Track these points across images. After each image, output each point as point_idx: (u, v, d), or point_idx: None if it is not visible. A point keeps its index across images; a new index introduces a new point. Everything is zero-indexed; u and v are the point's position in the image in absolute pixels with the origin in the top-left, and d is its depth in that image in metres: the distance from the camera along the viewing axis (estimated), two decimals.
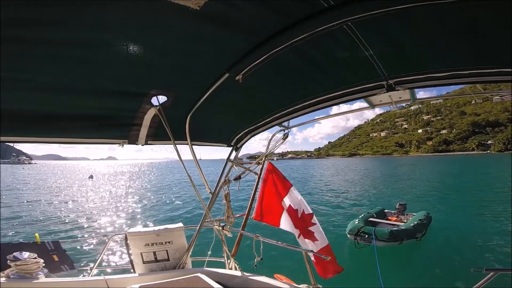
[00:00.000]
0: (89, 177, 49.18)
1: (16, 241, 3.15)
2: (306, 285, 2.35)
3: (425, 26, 1.38)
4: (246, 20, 1.31)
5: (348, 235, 8.71)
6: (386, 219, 10.58)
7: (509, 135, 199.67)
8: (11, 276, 2.42)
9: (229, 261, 3.18)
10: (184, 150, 2.82)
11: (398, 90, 2.01)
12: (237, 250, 3.28)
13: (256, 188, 3.63)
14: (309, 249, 2.43)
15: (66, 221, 14.22)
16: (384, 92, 2.08)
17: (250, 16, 1.28)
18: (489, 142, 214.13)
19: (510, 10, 1.15)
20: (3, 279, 2.38)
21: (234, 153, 3.38)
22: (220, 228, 3.09)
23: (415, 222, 9.44)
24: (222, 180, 3.13)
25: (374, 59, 1.70)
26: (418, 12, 1.25)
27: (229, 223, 3.09)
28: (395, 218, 10.78)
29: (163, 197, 22.55)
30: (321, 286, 2.28)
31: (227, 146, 3.39)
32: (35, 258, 2.56)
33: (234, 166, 3.28)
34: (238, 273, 2.70)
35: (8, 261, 2.46)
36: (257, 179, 3.59)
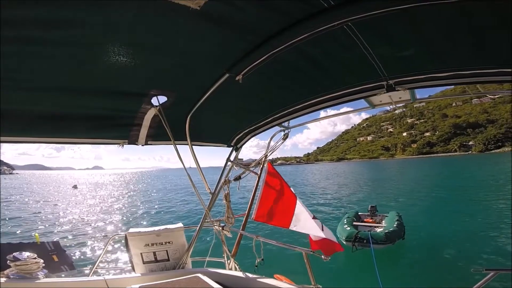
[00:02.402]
0: (73, 187, 49.02)
1: (16, 241, 3.15)
2: (306, 285, 2.35)
3: (425, 26, 1.38)
4: (246, 20, 1.31)
5: (345, 242, 8.77)
6: (362, 221, 10.82)
7: (488, 136, 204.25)
8: (11, 276, 2.41)
9: (229, 261, 3.18)
10: (183, 153, 2.81)
11: (398, 90, 2.01)
12: (237, 250, 3.27)
13: (256, 188, 3.63)
14: (309, 250, 2.43)
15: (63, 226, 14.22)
16: (384, 93, 2.08)
17: (250, 16, 1.28)
18: (471, 143, 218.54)
19: (510, 10, 1.15)
20: (3, 279, 2.38)
21: (234, 153, 3.38)
22: (220, 228, 3.08)
23: (396, 222, 9.80)
24: (222, 180, 3.13)
25: (374, 59, 1.70)
26: (418, 12, 1.25)
27: (229, 224, 3.09)
28: (370, 220, 11.02)
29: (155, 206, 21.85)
30: (321, 286, 2.27)
31: (227, 146, 3.39)
32: (35, 258, 2.56)
33: (234, 166, 3.28)
34: (238, 273, 2.69)
35: (8, 261, 2.46)
36: (257, 179, 3.59)
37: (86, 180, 79.38)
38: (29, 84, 1.52)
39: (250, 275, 2.60)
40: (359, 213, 11.68)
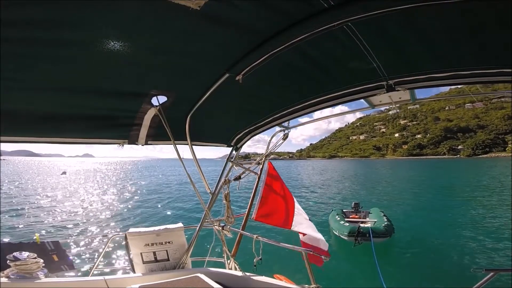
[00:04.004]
0: (62, 173, 49.01)
1: (16, 241, 3.15)
2: (306, 285, 2.35)
3: (426, 26, 1.38)
4: (246, 20, 1.31)
5: (347, 238, 8.95)
6: (348, 218, 11.07)
7: (477, 141, 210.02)
8: (11, 276, 2.41)
9: (229, 261, 3.18)
10: (181, 150, 2.81)
11: (398, 90, 2.01)
12: (237, 250, 3.28)
13: (256, 188, 3.63)
14: (308, 250, 2.44)
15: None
16: (384, 93, 2.08)
17: (250, 16, 1.28)
18: (460, 147, 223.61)
19: (510, 10, 1.15)
20: (3, 279, 2.38)
21: (234, 153, 3.39)
22: (220, 228, 3.09)
23: (384, 217, 10.09)
24: (222, 180, 3.13)
25: (374, 59, 1.70)
26: (418, 12, 1.25)
27: (229, 223, 3.09)
28: (356, 216, 11.28)
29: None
30: (321, 286, 2.28)
31: (227, 146, 3.39)
32: (35, 258, 2.56)
33: (234, 166, 3.28)
34: (238, 273, 2.70)
35: (8, 261, 2.46)
36: (257, 179, 3.60)
37: (77, 168, 77.66)
38: (29, 84, 1.52)
39: (250, 275, 2.60)
40: (344, 210, 11.97)
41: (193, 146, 2.86)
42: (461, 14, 1.24)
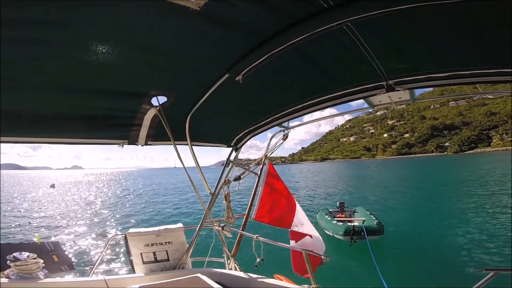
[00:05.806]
0: (51, 186, 48.45)
1: (16, 242, 3.15)
2: (306, 285, 2.35)
3: (425, 27, 1.38)
4: (246, 20, 1.31)
5: (343, 237, 9.03)
6: (335, 217, 11.14)
7: (463, 138, 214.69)
8: (11, 277, 2.41)
9: (229, 261, 3.18)
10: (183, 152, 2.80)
11: (398, 90, 2.02)
12: (237, 251, 3.28)
13: (256, 188, 3.63)
14: (308, 249, 2.44)
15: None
16: (384, 93, 2.08)
17: (250, 16, 1.28)
18: (446, 144, 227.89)
19: (510, 10, 1.15)
20: (3, 279, 2.38)
21: (234, 154, 3.38)
22: (220, 228, 3.09)
23: (372, 215, 10.27)
24: (222, 180, 3.13)
25: (374, 59, 1.70)
26: (418, 12, 1.25)
27: (229, 224, 3.09)
28: (342, 215, 11.40)
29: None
30: (321, 286, 2.28)
31: (227, 147, 3.39)
32: (35, 258, 2.56)
33: (234, 166, 3.28)
34: (238, 273, 2.70)
35: (8, 261, 2.46)
36: (257, 180, 3.60)
37: (67, 180, 75.84)
38: (29, 84, 1.52)
39: (250, 275, 2.60)
40: (330, 210, 12.10)
41: (193, 147, 2.86)
42: (460, 14, 1.25)
